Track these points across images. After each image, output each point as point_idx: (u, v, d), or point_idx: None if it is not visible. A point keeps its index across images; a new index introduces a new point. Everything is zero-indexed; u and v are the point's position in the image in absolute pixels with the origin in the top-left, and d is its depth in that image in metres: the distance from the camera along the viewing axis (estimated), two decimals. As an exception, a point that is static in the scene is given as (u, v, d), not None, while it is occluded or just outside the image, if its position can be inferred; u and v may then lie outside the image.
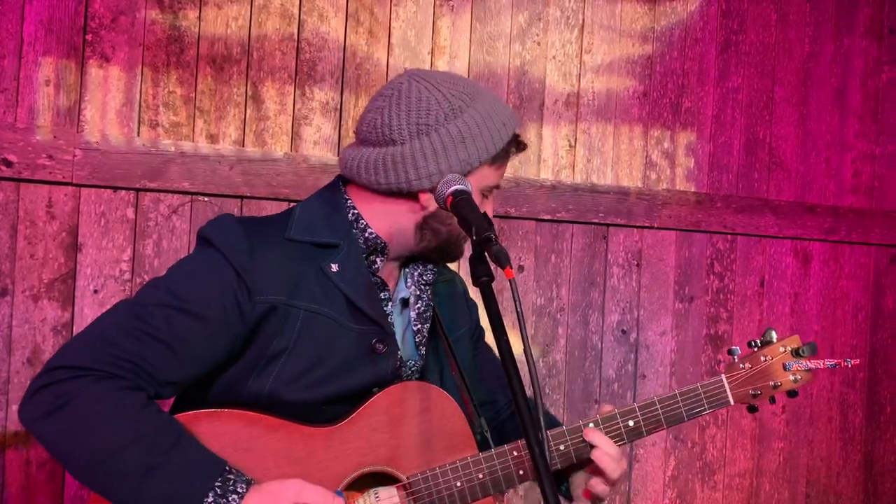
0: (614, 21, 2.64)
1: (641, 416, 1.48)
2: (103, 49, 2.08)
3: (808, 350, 1.53)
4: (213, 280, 1.32)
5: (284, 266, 1.36)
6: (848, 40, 2.94)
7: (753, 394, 1.53)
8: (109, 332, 1.28)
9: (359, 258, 1.42)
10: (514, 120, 1.46)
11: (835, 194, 2.93)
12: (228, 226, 1.37)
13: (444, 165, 1.38)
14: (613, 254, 2.63)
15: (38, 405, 1.23)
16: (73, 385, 1.22)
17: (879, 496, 2.99)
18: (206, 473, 1.22)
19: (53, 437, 1.24)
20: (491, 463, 1.41)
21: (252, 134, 2.22)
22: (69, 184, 2.03)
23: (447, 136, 1.38)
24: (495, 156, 1.42)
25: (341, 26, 2.31)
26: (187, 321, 1.29)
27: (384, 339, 1.42)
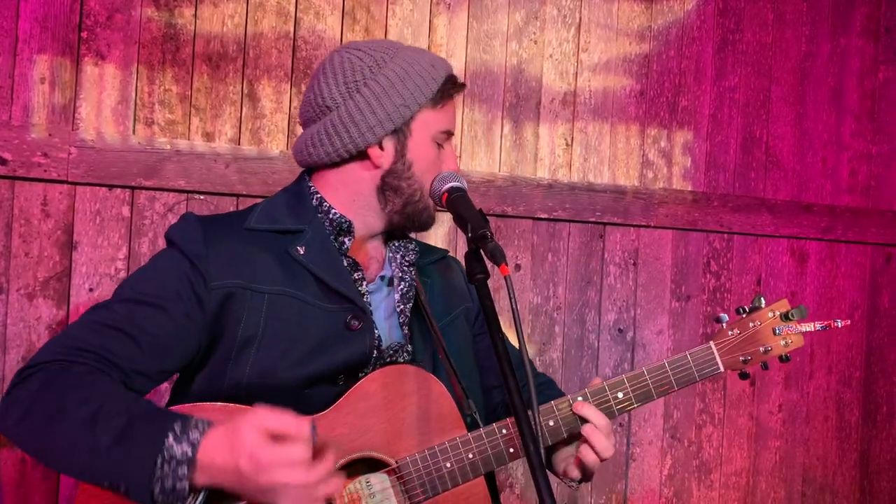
0: (611, 20, 2.64)
1: (630, 387, 1.46)
2: (99, 47, 2.07)
3: (798, 313, 1.52)
4: (169, 272, 1.36)
5: (240, 252, 1.39)
6: (844, 39, 2.95)
7: (744, 360, 1.51)
8: (72, 329, 1.31)
9: (325, 239, 1.44)
10: (444, 62, 1.49)
11: (831, 193, 2.93)
12: (185, 222, 1.42)
13: (381, 114, 1.41)
14: (610, 253, 2.63)
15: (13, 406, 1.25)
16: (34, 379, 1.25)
17: (875, 494, 2.99)
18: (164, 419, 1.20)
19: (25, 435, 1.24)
20: (480, 442, 1.40)
21: (248, 132, 2.21)
22: (64, 182, 2.02)
23: (377, 86, 1.41)
24: (433, 98, 1.44)
25: (338, 24, 2.31)
26: (148, 311, 1.32)
27: (359, 316, 1.41)
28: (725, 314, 1.53)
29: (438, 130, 1.46)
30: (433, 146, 1.46)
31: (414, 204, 1.46)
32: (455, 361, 1.52)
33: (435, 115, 1.46)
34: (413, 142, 1.45)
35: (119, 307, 1.33)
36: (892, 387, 3.02)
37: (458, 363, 1.53)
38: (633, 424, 2.65)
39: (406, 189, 1.45)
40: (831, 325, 1.56)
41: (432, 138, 1.45)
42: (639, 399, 1.47)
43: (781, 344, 1.52)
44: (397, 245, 1.55)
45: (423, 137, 1.45)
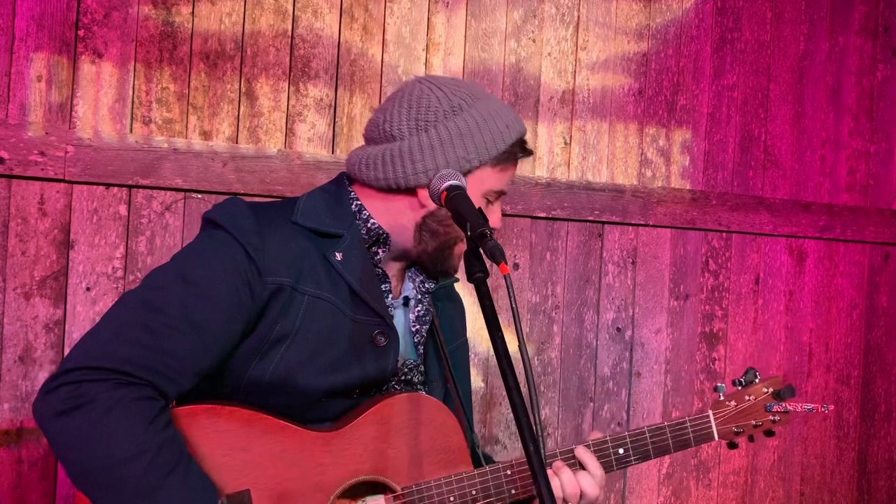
0: (609, 18, 2.64)
1: (631, 444, 1.51)
2: (96, 45, 2.06)
3: (788, 393, 1.60)
4: (222, 261, 1.31)
5: (291, 249, 1.36)
6: (843, 38, 2.95)
7: (736, 431, 1.59)
8: (126, 328, 1.26)
9: (362, 248, 1.42)
10: (519, 124, 1.46)
11: (829, 192, 2.93)
12: (236, 207, 1.37)
13: (440, 161, 1.39)
14: (608, 252, 2.63)
15: (54, 403, 1.22)
16: (91, 388, 1.21)
17: (874, 493, 2.99)
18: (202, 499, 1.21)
19: (61, 437, 1.22)
20: (484, 479, 1.42)
21: (245, 131, 2.20)
22: (61, 180, 2.01)
23: (445, 132, 1.39)
24: (497, 157, 1.42)
25: (335, 22, 2.30)
26: (202, 304, 1.28)
27: (385, 332, 1.41)
28: (723, 384, 1.61)
29: (492, 189, 1.44)
30: (482, 201, 1.44)
31: (446, 250, 1.44)
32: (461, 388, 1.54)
33: (494, 174, 1.44)
34: None
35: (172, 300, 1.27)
36: (890, 385, 3.02)
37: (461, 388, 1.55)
38: (631, 423, 2.65)
39: (443, 235, 1.43)
40: (818, 409, 1.66)
41: (483, 194, 1.44)
42: (637, 457, 1.52)
43: (771, 420, 1.61)
44: (416, 269, 1.54)
45: (474, 191, 1.41)
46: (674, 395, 2.71)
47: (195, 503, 1.21)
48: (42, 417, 1.23)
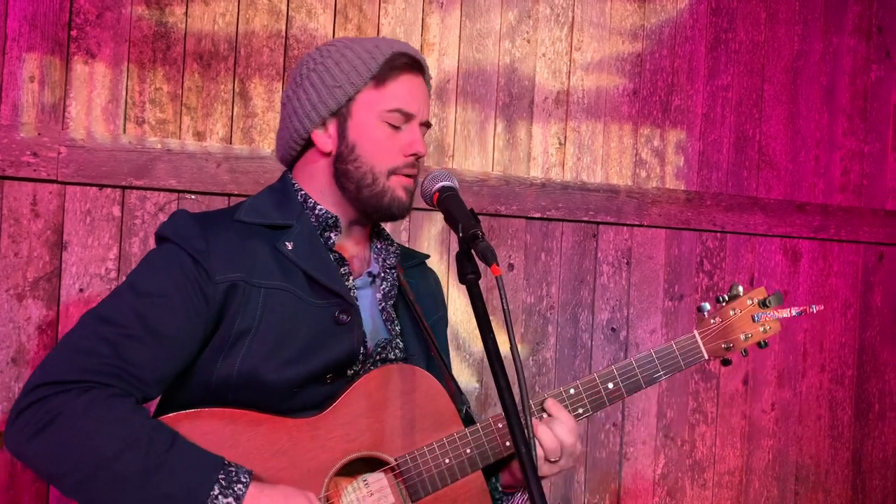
0: (604, 19, 2.64)
1: (620, 377, 1.50)
2: (89, 45, 2.05)
3: (774, 300, 1.57)
4: (171, 270, 1.33)
5: (238, 245, 1.38)
6: (836, 38, 2.95)
7: (726, 347, 1.56)
8: (83, 341, 1.27)
9: (312, 235, 1.43)
10: (390, 43, 1.46)
11: (824, 192, 2.93)
12: (179, 219, 1.40)
13: (315, 99, 1.44)
14: (603, 252, 2.63)
15: (24, 426, 1.21)
16: (58, 400, 1.20)
17: (868, 492, 3.00)
18: (207, 468, 1.20)
19: (43, 457, 1.21)
20: (477, 436, 1.41)
21: (239, 131, 2.20)
22: (54, 181, 2.01)
23: (315, 76, 1.44)
24: (374, 76, 1.42)
25: (329, 23, 2.30)
26: (156, 312, 1.29)
27: (346, 310, 1.41)
28: (707, 303, 1.58)
29: (384, 109, 1.43)
30: (381, 126, 1.43)
31: (368, 187, 1.43)
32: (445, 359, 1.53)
33: (378, 94, 1.43)
34: (354, 123, 1.44)
35: (126, 312, 1.29)
36: (885, 385, 3.02)
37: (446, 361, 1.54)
38: (626, 424, 2.65)
39: (354, 172, 1.43)
40: (807, 311, 1.62)
41: (378, 118, 1.43)
42: (629, 389, 1.51)
43: (760, 330, 1.58)
44: (379, 247, 1.56)
45: (365, 118, 1.43)
46: (668, 395, 2.71)
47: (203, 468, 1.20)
48: (17, 445, 1.22)
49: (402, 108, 1.44)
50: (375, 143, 1.43)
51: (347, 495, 1.37)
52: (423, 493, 1.37)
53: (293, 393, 1.36)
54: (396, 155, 1.43)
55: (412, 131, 1.45)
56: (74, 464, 1.19)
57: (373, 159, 1.43)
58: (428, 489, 1.37)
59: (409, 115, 1.44)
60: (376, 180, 1.43)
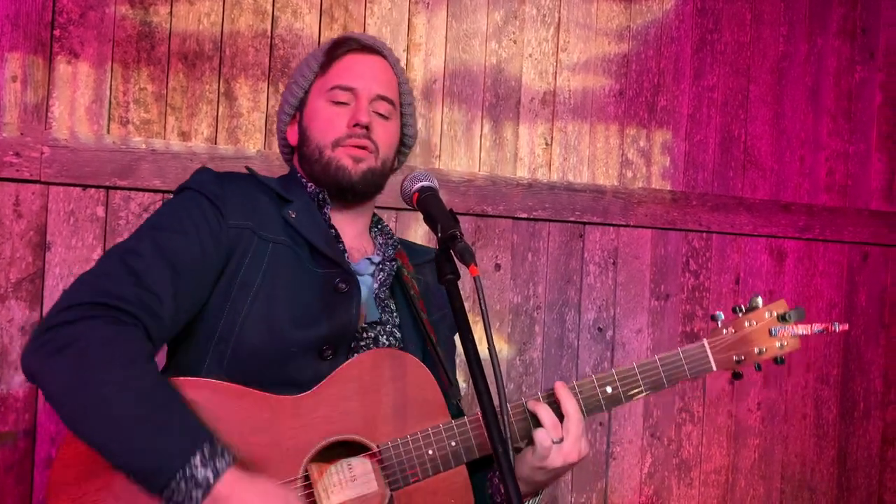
0: (590, 19, 2.64)
1: (620, 382, 1.43)
2: (72, 45, 2.04)
3: (795, 315, 1.47)
4: (188, 208, 1.39)
5: (252, 198, 1.45)
6: (821, 40, 2.97)
7: (737, 360, 1.47)
8: (110, 269, 1.30)
9: (311, 207, 1.49)
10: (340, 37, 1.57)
11: (809, 193, 2.95)
12: (199, 170, 1.49)
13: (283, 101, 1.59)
14: (590, 252, 2.64)
15: (45, 344, 1.22)
16: (83, 326, 1.22)
17: (853, 490, 3.02)
18: (196, 435, 1.20)
19: (53, 376, 1.22)
20: (463, 430, 1.37)
21: (225, 131, 2.19)
22: (37, 182, 2.00)
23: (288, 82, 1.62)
24: (321, 64, 1.53)
25: (315, 23, 2.29)
26: (175, 244, 1.34)
27: (346, 279, 1.43)
28: (721, 312, 1.49)
29: (326, 89, 1.51)
30: (327, 106, 1.51)
31: (317, 162, 1.50)
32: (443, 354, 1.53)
33: (323, 79, 1.53)
34: (307, 111, 1.55)
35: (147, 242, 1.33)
36: (869, 384, 3.04)
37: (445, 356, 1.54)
38: (613, 423, 2.66)
39: (307, 153, 1.52)
40: (829, 329, 1.49)
41: (325, 99, 1.51)
42: (627, 396, 1.44)
43: (777, 346, 1.48)
44: (381, 242, 1.60)
45: (314, 103, 1.53)
46: (655, 394, 2.72)
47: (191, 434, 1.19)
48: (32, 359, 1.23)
49: (340, 83, 1.50)
50: (320, 121, 1.51)
51: (330, 477, 1.35)
52: (404, 483, 1.34)
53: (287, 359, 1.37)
54: (340, 128, 1.49)
55: (357, 104, 1.50)
56: (77, 392, 1.19)
57: (318, 135, 1.50)
58: (409, 479, 1.35)
59: (351, 89, 1.50)
60: (322, 153, 1.49)
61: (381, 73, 1.54)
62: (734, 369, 1.49)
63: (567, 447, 1.35)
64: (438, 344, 1.53)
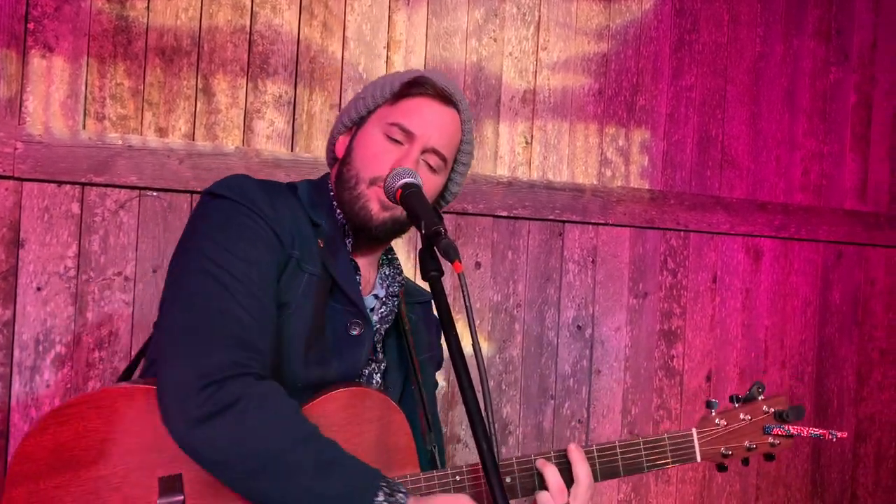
0: (570, 19, 2.65)
1: (598, 459, 1.39)
2: (46, 38, 2.01)
3: (793, 414, 1.42)
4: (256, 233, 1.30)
5: (297, 222, 1.38)
6: (797, 41, 3.01)
7: (724, 453, 1.42)
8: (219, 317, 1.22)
9: (338, 237, 1.44)
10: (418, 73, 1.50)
11: (785, 192, 2.99)
12: (244, 179, 1.37)
13: (345, 111, 1.55)
14: (569, 250, 2.64)
15: (199, 407, 1.16)
16: (236, 384, 1.18)
17: (826, 486, 3.06)
18: (371, 474, 1.20)
19: (215, 440, 1.17)
20: (431, 484, 1.33)
21: (203, 127, 2.17)
22: (10, 178, 1.96)
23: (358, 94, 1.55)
24: (392, 96, 1.48)
25: (295, 19, 2.28)
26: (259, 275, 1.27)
27: (360, 322, 1.41)
28: (716, 400, 1.44)
29: (388, 122, 1.45)
30: (380, 137, 1.44)
31: (349, 191, 1.43)
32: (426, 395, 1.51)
33: (390, 109, 1.47)
34: (362, 131, 1.48)
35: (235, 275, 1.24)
36: (843, 381, 3.09)
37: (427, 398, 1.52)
38: (591, 420, 2.67)
39: (345, 174, 1.45)
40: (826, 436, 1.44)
41: (381, 130, 1.45)
42: (604, 474, 1.39)
43: (769, 443, 1.43)
44: (387, 273, 1.56)
45: (371, 128, 1.47)
46: (633, 391, 2.74)
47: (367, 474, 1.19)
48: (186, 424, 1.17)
49: (402, 123, 1.43)
50: (368, 151, 1.44)
51: None
52: None
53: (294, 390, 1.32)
54: (384, 167, 1.41)
55: (409, 149, 1.43)
56: (248, 451, 1.16)
57: (360, 164, 1.43)
58: None
59: (410, 133, 1.43)
60: (357, 185, 1.42)
61: (447, 126, 1.47)
62: (720, 462, 1.44)
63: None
64: (424, 385, 1.52)
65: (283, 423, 1.19)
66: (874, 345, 3.14)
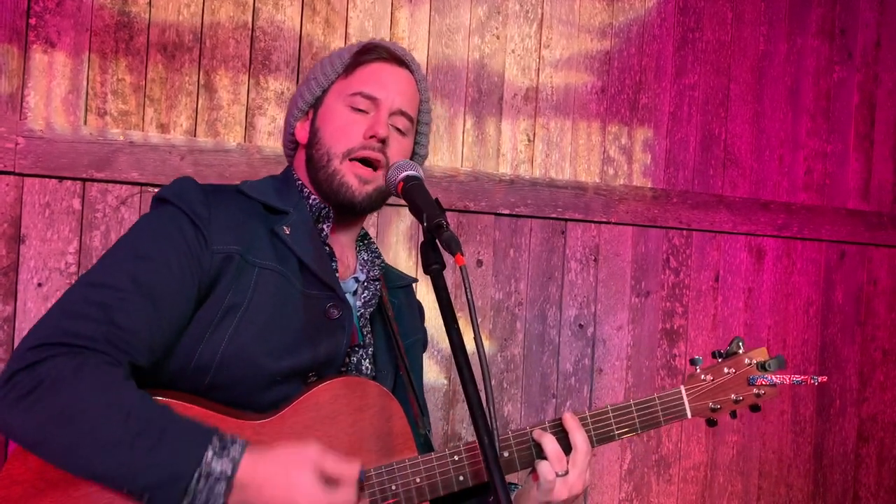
0: (573, 16, 2.64)
1: (593, 425, 1.41)
2: (48, 34, 2.01)
3: (775, 364, 1.47)
4: (170, 233, 1.30)
5: (239, 219, 1.37)
6: (801, 40, 3.00)
7: (713, 408, 1.47)
8: (76, 304, 1.23)
9: (308, 223, 1.43)
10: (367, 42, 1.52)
11: (787, 191, 2.98)
12: (182, 182, 1.39)
13: (298, 95, 1.52)
14: (571, 249, 2.64)
15: (10, 390, 1.16)
16: (48, 365, 1.16)
17: (828, 486, 3.05)
18: (200, 434, 1.16)
19: (29, 421, 1.15)
20: (430, 466, 1.33)
21: (204, 124, 2.16)
22: (11, 173, 1.96)
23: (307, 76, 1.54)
24: (346, 65, 1.47)
25: (297, 15, 2.27)
26: (152, 275, 1.26)
27: (338, 305, 1.39)
28: (700, 357, 1.48)
29: (348, 94, 1.45)
30: (345, 110, 1.44)
31: (323, 169, 1.43)
32: (414, 379, 1.50)
33: (346, 82, 1.47)
34: (322, 110, 1.48)
35: (120, 272, 1.25)
36: (845, 381, 3.08)
37: (416, 382, 1.52)
38: (593, 420, 2.67)
39: (315, 155, 1.45)
40: (808, 381, 1.50)
41: (344, 103, 1.45)
42: (600, 440, 1.42)
43: (754, 394, 1.47)
44: (366, 258, 1.55)
45: (332, 104, 1.46)
46: (635, 391, 2.73)
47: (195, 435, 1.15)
48: (3, 409, 1.17)
49: (363, 90, 1.44)
50: (335, 126, 1.44)
51: None
52: None
53: (272, 385, 1.32)
54: (355, 137, 1.42)
55: (377, 115, 1.44)
56: (60, 429, 1.14)
57: (330, 141, 1.44)
58: None
59: (373, 98, 1.44)
60: (330, 161, 1.43)
61: (406, 86, 1.49)
62: (709, 417, 1.48)
63: (572, 479, 1.34)
64: (411, 370, 1.51)
65: (94, 396, 1.15)
66: (877, 345, 3.13)
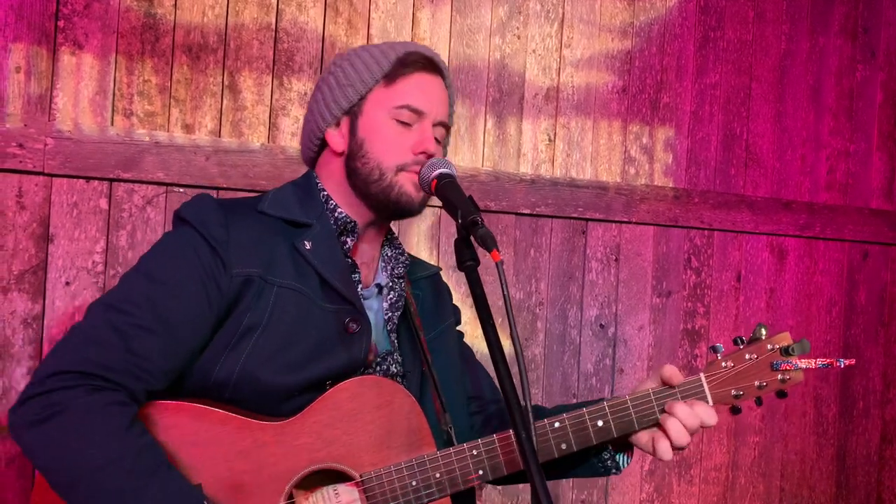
0: (594, 16, 2.64)
1: (612, 415, 1.40)
2: (76, 36, 2.03)
3: (799, 348, 1.43)
4: (187, 257, 1.31)
5: (259, 239, 1.36)
6: (823, 38, 2.98)
7: (736, 394, 1.43)
8: (94, 332, 1.26)
9: (331, 237, 1.43)
10: (404, 45, 1.47)
11: (810, 191, 2.96)
12: (202, 202, 1.38)
13: (329, 98, 1.46)
14: (592, 248, 2.64)
15: (27, 413, 1.21)
16: (64, 395, 1.20)
17: (852, 489, 3.03)
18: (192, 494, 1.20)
19: (38, 448, 1.21)
20: (448, 461, 1.35)
21: (228, 124, 2.18)
22: (40, 173, 1.98)
23: (333, 77, 1.47)
24: (385, 76, 1.43)
25: (320, 16, 2.29)
26: (169, 301, 1.28)
27: (357, 319, 1.40)
28: (721, 344, 1.45)
29: (393, 106, 1.42)
30: (391, 123, 1.42)
31: (376, 183, 1.42)
32: (439, 374, 1.50)
33: (388, 91, 1.43)
34: (364, 121, 1.44)
35: (138, 299, 1.27)
36: (868, 382, 3.05)
37: (441, 377, 1.51)
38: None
39: (362, 169, 1.43)
40: (833, 364, 1.45)
41: (388, 115, 1.43)
42: (619, 429, 1.40)
43: (779, 379, 1.44)
44: (389, 255, 1.55)
45: (375, 115, 1.43)
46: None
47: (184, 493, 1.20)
48: (17, 428, 1.22)
49: (410, 104, 1.42)
50: (383, 140, 1.42)
51: (316, 501, 1.35)
52: None
53: (291, 397, 1.34)
54: (405, 152, 1.41)
55: (423, 129, 1.43)
56: (64, 464, 1.19)
57: (380, 156, 1.42)
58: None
59: (419, 112, 1.43)
60: (383, 176, 1.41)
61: (444, 96, 1.48)
62: (732, 404, 1.45)
63: None
64: (435, 366, 1.51)
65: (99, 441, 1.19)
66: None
